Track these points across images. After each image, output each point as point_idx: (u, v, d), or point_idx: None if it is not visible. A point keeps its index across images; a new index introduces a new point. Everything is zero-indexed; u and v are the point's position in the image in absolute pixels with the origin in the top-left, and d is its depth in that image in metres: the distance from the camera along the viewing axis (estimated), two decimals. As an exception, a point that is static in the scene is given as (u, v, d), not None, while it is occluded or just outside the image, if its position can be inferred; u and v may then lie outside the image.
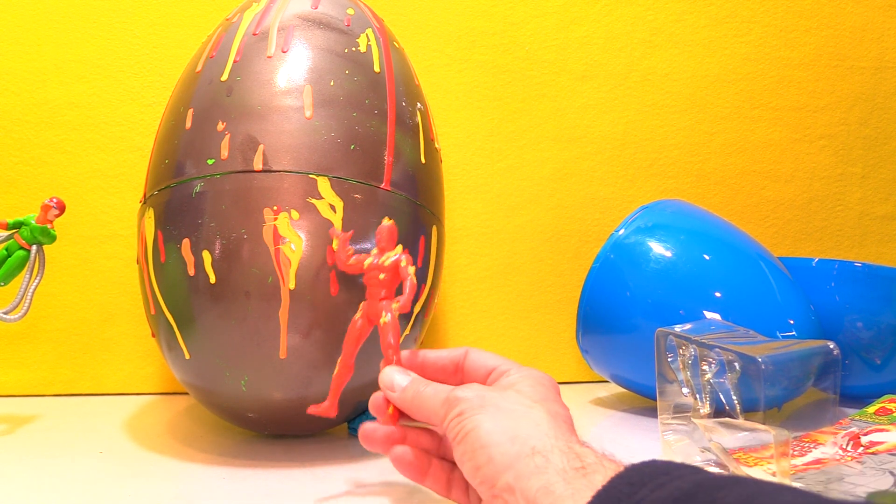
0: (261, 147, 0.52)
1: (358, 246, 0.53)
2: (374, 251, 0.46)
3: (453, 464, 0.42)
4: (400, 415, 0.42)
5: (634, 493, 0.29)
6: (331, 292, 0.52)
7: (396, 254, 0.45)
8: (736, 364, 0.53)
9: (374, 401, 0.43)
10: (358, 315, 0.46)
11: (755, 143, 0.89)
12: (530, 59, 0.84)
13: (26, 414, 0.68)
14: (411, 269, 0.45)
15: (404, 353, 0.44)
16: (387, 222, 0.47)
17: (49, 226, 0.60)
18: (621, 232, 0.70)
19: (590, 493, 0.30)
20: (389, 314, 0.44)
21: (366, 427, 0.42)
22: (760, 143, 0.89)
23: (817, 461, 0.50)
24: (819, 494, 0.26)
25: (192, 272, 0.52)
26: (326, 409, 0.47)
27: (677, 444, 0.54)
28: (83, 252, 0.77)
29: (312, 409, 0.48)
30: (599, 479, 0.31)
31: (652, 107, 0.87)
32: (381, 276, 0.45)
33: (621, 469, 0.31)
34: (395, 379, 0.42)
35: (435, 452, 0.43)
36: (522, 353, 0.84)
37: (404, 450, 0.41)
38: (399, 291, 0.45)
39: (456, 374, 0.43)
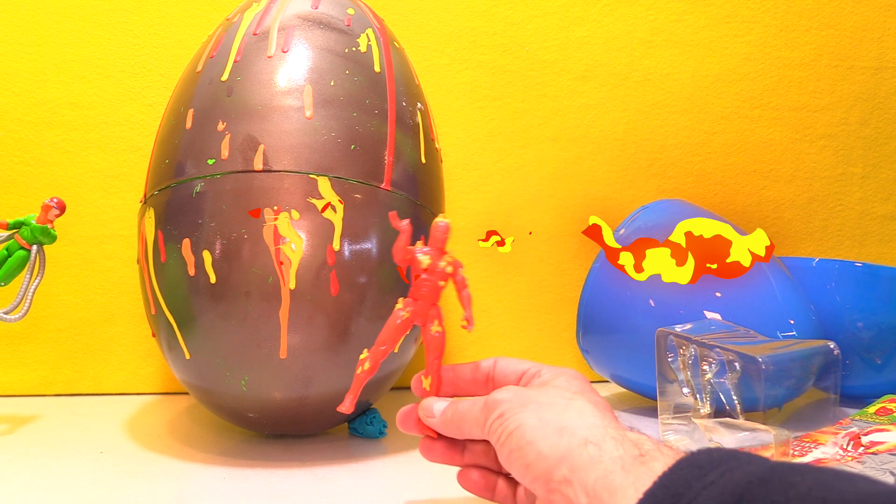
0: (261, 147, 0.52)
1: (359, 246, 0.53)
2: (422, 248, 0.43)
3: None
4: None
5: (703, 475, 0.28)
6: (331, 292, 0.52)
7: (452, 259, 0.43)
8: (736, 364, 0.53)
9: (402, 417, 0.43)
10: (405, 313, 0.43)
11: (755, 143, 0.89)
12: (530, 59, 0.84)
13: (26, 414, 0.68)
14: (466, 279, 0.43)
15: (443, 367, 0.44)
16: (442, 220, 0.43)
17: (49, 226, 0.60)
18: (622, 232, 0.70)
19: (651, 480, 0.29)
20: (441, 326, 0.43)
21: (424, 443, 0.43)
22: (760, 143, 0.89)
23: (818, 461, 0.49)
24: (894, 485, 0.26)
25: (192, 272, 0.52)
26: (345, 407, 0.44)
27: (678, 444, 0.54)
28: (83, 252, 0.77)
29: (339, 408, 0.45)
30: (660, 467, 0.30)
31: (652, 107, 0.86)
32: (441, 283, 0.43)
33: (683, 454, 0.30)
34: (433, 406, 0.41)
35: (496, 469, 0.42)
36: (522, 354, 0.84)
37: (469, 470, 0.42)
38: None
39: (487, 384, 0.43)
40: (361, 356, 0.43)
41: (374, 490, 0.48)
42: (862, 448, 0.50)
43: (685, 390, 0.56)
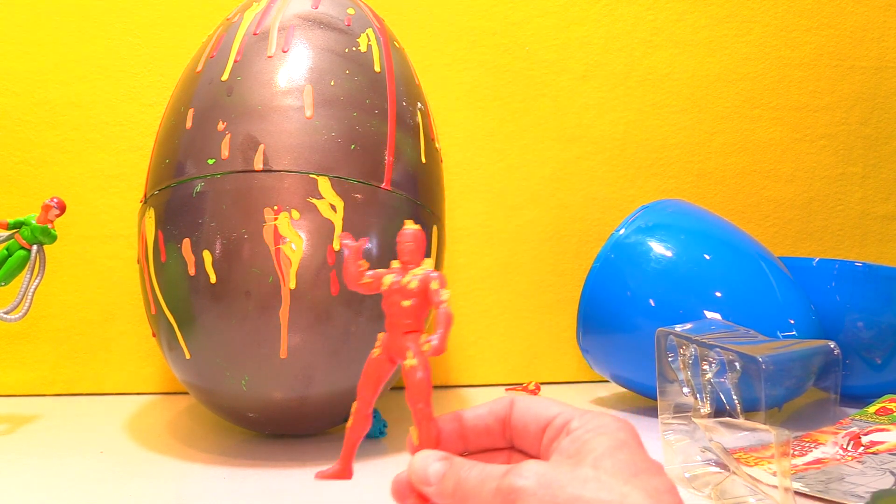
0: (261, 147, 0.52)
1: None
2: (395, 265, 0.34)
3: None
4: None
5: None
6: (331, 292, 0.52)
7: (424, 271, 0.33)
8: (737, 364, 0.53)
9: (397, 487, 0.32)
10: (376, 350, 0.33)
11: (755, 142, 0.89)
12: (530, 59, 0.84)
13: (26, 414, 0.68)
14: (445, 294, 0.32)
15: (444, 417, 0.33)
16: (411, 226, 0.34)
17: (50, 225, 0.60)
18: (622, 232, 0.70)
19: None
20: (418, 356, 0.32)
21: None
22: (761, 143, 0.89)
23: (818, 461, 0.50)
24: None
25: (192, 272, 0.52)
26: (339, 472, 0.36)
27: (678, 444, 0.54)
28: (84, 252, 0.77)
29: (321, 475, 0.36)
30: None
31: (652, 107, 0.86)
32: (405, 302, 0.32)
33: None
34: (428, 469, 0.31)
35: None
36: (522, 353, 0.84)
37: None
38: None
39: (504, 434, 0.33)
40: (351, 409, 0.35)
41: (374, 490, 0.48)
42: (862, 448, 0.50)
43: (685, 390, 0.56)
